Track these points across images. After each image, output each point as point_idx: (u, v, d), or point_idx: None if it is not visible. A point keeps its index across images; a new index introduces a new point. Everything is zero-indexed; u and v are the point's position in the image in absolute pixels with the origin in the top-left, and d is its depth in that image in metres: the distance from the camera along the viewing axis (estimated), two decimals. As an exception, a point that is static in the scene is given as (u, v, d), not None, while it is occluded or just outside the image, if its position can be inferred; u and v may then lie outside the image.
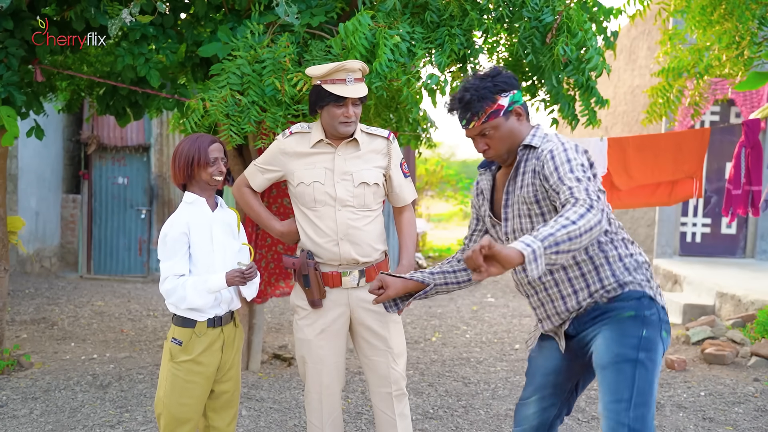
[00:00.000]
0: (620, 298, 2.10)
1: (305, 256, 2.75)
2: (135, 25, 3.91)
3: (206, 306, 2.52)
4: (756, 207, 5.44)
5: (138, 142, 9.94)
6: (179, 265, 2.50)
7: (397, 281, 2.38)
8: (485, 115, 2.17)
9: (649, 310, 2.09)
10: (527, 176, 2.17)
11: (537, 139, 2.20)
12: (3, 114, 3.99)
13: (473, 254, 1.78)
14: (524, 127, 2.23)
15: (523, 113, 2.22)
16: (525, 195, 2.16)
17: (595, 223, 1.89)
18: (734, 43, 5.07)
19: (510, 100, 2.19)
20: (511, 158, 2.24)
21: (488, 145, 2.22)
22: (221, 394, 2.66)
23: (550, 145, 2.14)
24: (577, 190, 1.97)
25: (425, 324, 6.87)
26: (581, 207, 1.91)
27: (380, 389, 2.82)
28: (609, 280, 2.11)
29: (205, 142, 2.54)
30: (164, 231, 2.52)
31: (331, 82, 2.65)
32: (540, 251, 1.80)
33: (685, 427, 3.99)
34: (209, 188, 2.59)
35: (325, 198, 2.73)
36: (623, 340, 2.05)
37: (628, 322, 2.07)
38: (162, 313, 7.17)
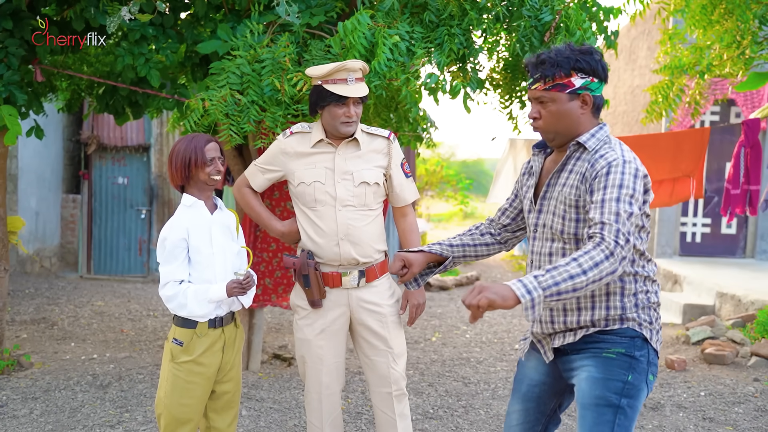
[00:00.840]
0: (616, 332, 2.05)
1: (305, 256, 2.75)
2: (135, 25, 3.91)
3: (207, 314, 2.52)
4: (754, 206, 5.44)
5: (138, 142, 9.94)
6: (179, 270, 2.50)
7: (418, 256, 2.31)
8: (551, 82, 2.03)
9: (640, 351, 2.04)
10: (573, 177, 2.06)
11: (594, 140, 2.06)
12: (5, 113, 4.00)
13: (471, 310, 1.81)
14: (586, 119, 2.08)
15: (590, 104, 2.07)
16: (566, 195, 2.06)
17: (608, 273, 1.84)
18: (735, 42, 5.07)
19: (583, 84, 2.04)
20: (558, 142, 2.12)
21: (540, 114, 2.09)
22: (222, 394, 2.66)
23: (611, 155, 1.99)
24: (608, 228, 1.86)
25: (425, 324, 6.87)
26: (600, 253, 1.83)
27: (380, 389, 2.82)
28: (615, 311, 2.05)
29: (201, 141, 2.53)
30: (163, 235, 2.51)
31: (332, 82, 2.65)
32: (539, 299, 1.78)
33: (685, 427, 3.99)
34: (207, 188, 2.58)
35: (326, 198, 2.73)
36: (608, 383, 2.01)
37: (616, 363, 2.02)
38: (162, 313, 7.17)
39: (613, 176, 1.95)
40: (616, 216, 1.88)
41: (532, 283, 1.80)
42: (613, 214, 1.88)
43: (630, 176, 1.95)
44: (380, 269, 2.81)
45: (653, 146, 5.48)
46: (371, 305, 2.78)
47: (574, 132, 2.08)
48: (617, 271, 1.85)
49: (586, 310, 2.07)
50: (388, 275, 2.88)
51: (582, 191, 2.02)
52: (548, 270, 1.83)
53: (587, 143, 2.05)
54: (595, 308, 2.06)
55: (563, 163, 2.10)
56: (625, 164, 1.97)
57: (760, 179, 5.49)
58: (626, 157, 2.00)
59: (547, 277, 1.81)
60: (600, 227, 1.88)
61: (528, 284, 1.80)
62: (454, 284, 9.36)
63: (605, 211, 1.90)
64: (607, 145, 2.05)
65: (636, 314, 2.06)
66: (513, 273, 11.10)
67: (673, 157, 5.44)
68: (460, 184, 16.49)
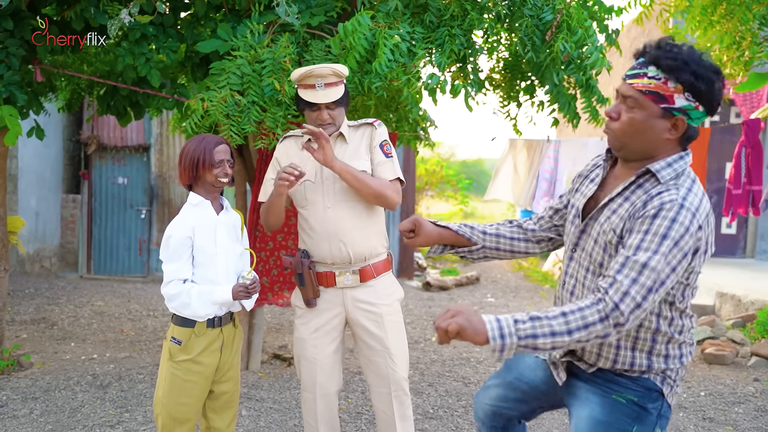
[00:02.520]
0: (634, 379, 1.86)
1: (300, 256, 2.77)
2: (135, 25, 3.91)
3: (209, 315, 2.52)
4: (756, 206, 5.44)
5: (138, 142, 9.94)
6: (183, 268, 2.50)
7: (432, 231, 2.13)
8: (649, 87, 1.69)
9: (653, 403, 1.85)
10: (626, 207, 1.77)
11: (668, 171, 1.74)
12: (5, 113, 4.00)
13: (438, 332, 1.69)
14: (669, 145, 1.76)
15: (680, 132, 1.73)
16: (612, 226, 1.79)
17: (597, 336, 1.66)
18: (735, 43, 5.07)
19: (684, 107, 1.69)
20: (625, 155, 1.82)
21: (619, 116, 1.76)
22: (221, 394, 2.66)
23: (669, 194, 1.69)
24: (616, 288, 1.64)
25: (425, 324, 6.87)
26: (595, 314, 1.64)
27: (379, 389, 2.82)
28: (640, 364, 1.85)
29: (210, 143, 2.53)
30: (168, 233, 2.51)
31: (303, 87, 2.70)
32: (511, 347, 1.65)
33: (685, 427, 3.99)
34: (214, 189, 2.59)
35: (316, 197, 2.75)
36: (609, 430, 1.84)
37: (624, 409, 1.84)
38: (162, 313, 7.17)
39: (660, 222, 1.66)
40: (637, 275, 1.64)
41: (510, 327, 1.65)
42: (635, 272, 1.64)
43: (680, 227, 1.65)
44: (377, 269, 2.79)
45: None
46: (366, 305, 2.77)
47: (647, 153, 1.77)
48: (610, 336, 1.66)
49: (607, 358, 1.88)
50: (389, 274, 2.87)
51: (626, 228, 1.74)
52: (531, 318, 1.67)
53: (661, 173, 1.73)
54: (617, 360, 1.87)
55: (625, 188, 1.80)
56: (681, 210, 1.66)
57: (762, 179, 5.49)
58: (687, 201, 1.68)
59: (527, 327, 1.65)
60: (609, 282, 1.66)
61: (504, 328, 1.65)
62: (454, 284, 9.36)
63: (627, 264, 1.65)
64: (678, 181, 1.73)
65: (662, 370, 1.86)
66: (513, 273, 11.10)
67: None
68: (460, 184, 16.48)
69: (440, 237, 2.14)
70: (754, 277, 7.52)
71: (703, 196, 1.73)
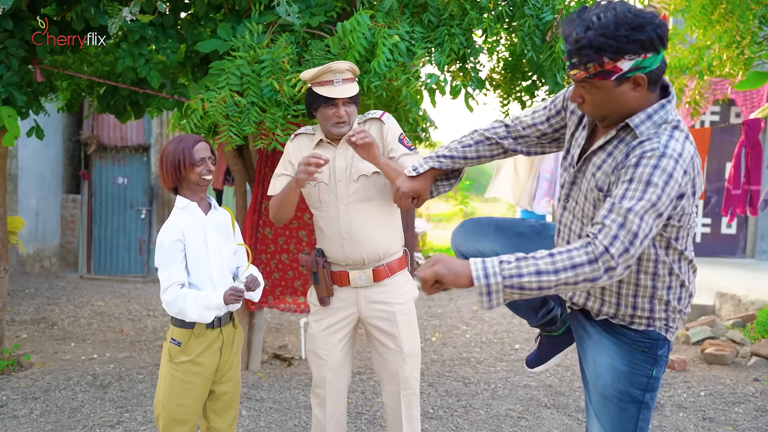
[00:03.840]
0: (641, 332, 1.90)
1: (315, 254, 2.78)
2: (135, 26, 3.91)
3: (207, 320, 2.51)
4: (755, 206, 5.44)
5: (138, 142, 9.95)
6: (177, 272, 2.49)
7: (425, 184, 2.16)
8: (593, 70, 1.70)
9: (662, 349, 1.92)
10: (610, 162, 1.80)
11: (647, 125, 1.75)
12: (4, 114, 4.00)
13: (422, 283, 1.71)
14: (641, 96, 1.75)
15: (644, 83, 1.72)
16: (598, 181, 1.82)
17: (585, 279, 1.66)
18: (735, 42, 5.07)
19: (633, 65, 1.68)
20: (611, 122, 1.83)
21: (583, 99, 1.79)
22: (222, 395, 2.66)
23: (651, 143, 1.70)
24: (605, 232, 1.66)
25: (425, 324, 6.87)
26: (584, 255, 1.65)
27: (389, 387, 2.84)
28: (642, 312, 1.89)
29: (189, 142, 2.51)
30: (160, 239, 2.51)
31: (319, 84, 2.66)
32: (497, 287, 1.64)
33: (685, 427, 3.99)
34: (200, 189, 2.56)
35: (330, 197, 2.73)
36: (633, 378, 1.90)
37: (641, 357, 1.91)
38: (162, 313, 7.17)
39: (642, 170, 1.67)
40: (623, 220, 1.65)
41: (494, 267, 1.65)
42: (621, 217, 1.65)
43: (663, 173, 1.66)
44: (391, 268, 2.78)
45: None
46: (379, 304, 2.78)
47: (628, 113, 1.77)
48: (600, 279, 1.66)
49: (610, 305, 1.91)
50: (404, 272, 2.86)
51: (612, 181, 1.77)
52: (518, 258, 1.67)
53: (638, 128, 1.75)
54: (620, 305, 1.90)
55: (606, 141, 1.82)
56: (662, 158, 1.67)
57: (761, 179, 5.49)
58: (669, 147, 1.69)
59: (512, 266, 1.65)
60: (598, 228, 1.67)
61: (489, 267, 1.65)
62: (454, 284, 9.35)
63: (613, 210, 1.67)
64: (662, 129, 1.73)
65: (665, 318, 1.91)
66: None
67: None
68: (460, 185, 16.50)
69: (432, 177, 2.19)
70: (754, 277, 7.51)
71: (685, 141, 1.73)
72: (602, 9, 1.69)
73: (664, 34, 1.69)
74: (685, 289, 1.91)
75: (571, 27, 1.72)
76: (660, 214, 1.68)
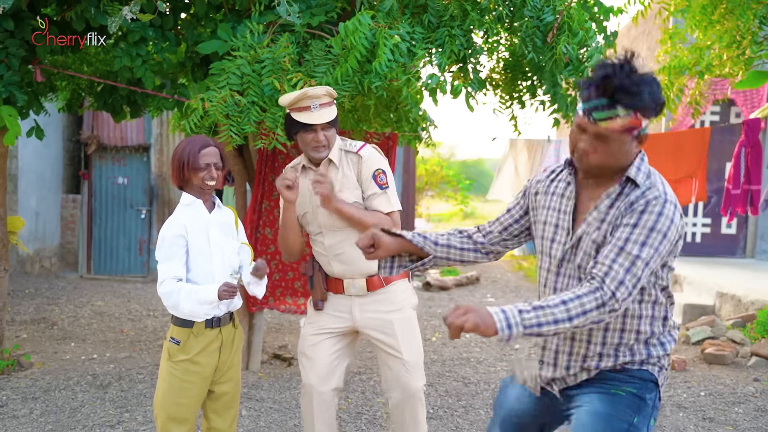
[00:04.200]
0: (632, 372, 1.93)
1: (313, 259, 2.85)
2: (134, 26, 3.91)
3: (199, 314, 2.51)
4: (755, 206, 5.44)
5: (138, 142, 9.94)
6: (176, 267, 2.50)
7: (390, 242, 2.11)
8: (625, 126, 1.76)
9: (650, 394, 1.93)
10: (613, 212, 1.86)
11: (641, 175, 1.85)
12: (5, 114, 4.00)
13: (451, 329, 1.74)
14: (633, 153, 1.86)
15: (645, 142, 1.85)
16: (604, 233, 1.86)
17: (593, 322, 1.76)
18: (735, 42, 5.07)
19: (646, 125, 1.81)
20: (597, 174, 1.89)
21: (596, 150, 1.82)
22: (222, 395, 2.66)
23: (652, 192, 1.80)
24: (612, 277, 1.74)
25: (425, 324, 6.87)
26: (593, 301, 1.74)
27: (394, 394, 2.85)
28: (639, 356, 1.93)
29: (196, 146, 2.51)
30: (162, 233, 2.53)
31: (297, 110, 2.67)
32: (517, 335, 1.73)
33: (685, 427, 3.99)
34: (203, 192, 2.59)
35: (313, 227, 2.82)
36: (612, 423, 1.88)
37: (624, 401, 1.91)
38: (162, 313, 7.17)
39: (647, 217, 1.77)
40: (630, 265, 1.74)
41: (515, 318, 1.73)
42: (629, 262, 1.74)
43: (666, 219, 1.77)
44: (386, 278, 2.79)
45: (654, 147, 5.48)
46: (374, 314, 2.79)
47: (620, 167, 1.86)
48: (604, 320, 1.77)
49: (608, 357, 1.94)
50: (402, 282, 2.87)
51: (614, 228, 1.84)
52: (534, 308, 1.75)
53: (638, 178, 1.84)
54: (618, 356, 1.93)
55: (614, 198, 1.86)
56: (666, 204, 1.78)
57: (761, 179, 5.49)
58: (669, 195, 1.80)
59: (531, 317, 1.74)
60: (605, 272, 1.76)
61: (511, 318, 1.73)
62: (454, 284, 9.35)
63: (621, 255, 1.76)
64: (649, 179, 1.85)
65: (657, 360, 1.95)
66: (513, 273, 11.10)
67: (675, 158, 5.44)
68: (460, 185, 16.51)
69: (399, 247, 2.14)
70: (754, 277, 7.51)
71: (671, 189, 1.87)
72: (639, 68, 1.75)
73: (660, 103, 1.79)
74: (675, 331, 1.99)
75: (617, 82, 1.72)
76: (662, 258, 1.80)
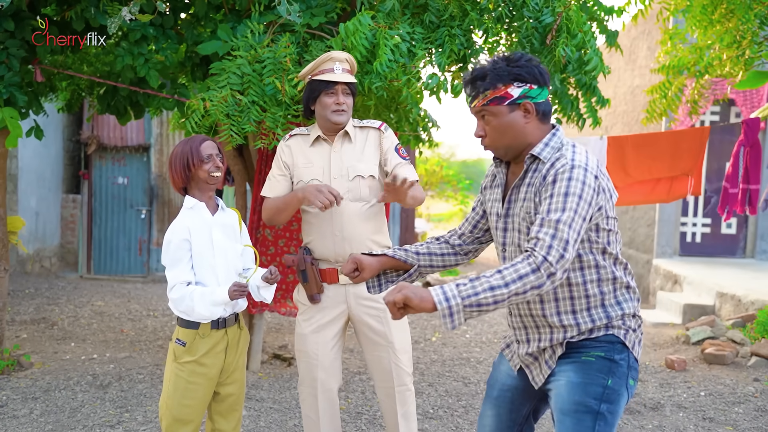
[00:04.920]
0: (598, 338, 2.00)
1: (302, 252, 2.81)
2: (135, 26, 3.91)
3: (215, 316, 2.52)
4: (754, 206, 5.44)
5: (138, 142, 9.95)
6: (184, 272, 2.51)
7: (373, 262, 2.21)
8: (488, 98, 1.96)
9: (620, 354, 1.99)
10: (531, 189, 1.99)
11: (548, 150, 1.98)
12: (6, 116, 4.00)
13: (389, 307, 1.82)
14: (533, 128, 2.00)
15: (533, 111, 1.97)
16: (526, 210, 2.00)
17: (532, 287, 1.80)
18: (735, 42, 5.07)
19: (522, 92, 1.95)
20: (511, 155, 2.05)
21: (485, 131, 2.03)
22: (227, 396, 2.66)
23: (559, 162, 1.93)
24: (540, 244, 1.82)
25: (425, 324, 6.87)
26: (527, 266, 1.80)
27: (382, 384, 2.85)
28: (600, 321, 2.00)
29: (196, 141, 2.56)
30: (167, 238, 2.53)
31: (320, 73, 2.73)
32: (457, 308, 1.77)
33: (685, 427, 3.99)
34: (208, 187, 2.59)
35: None
36: (587, 388, 1.95)
37: (595, 366, 1.97)
38: (162, 313, 7.17)
39: (559, 184, 1.89)
40: (554, 230, 1.83)
41: (452, 291, 1.78)
42: (551, 228, 1.83)
43: (577, 182, 1.88)
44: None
45: (652, 145, 5.48)
46: (368, 301, 2.80)
47: (524, 143, 2.01)
48: (544, 286, 1.81)
49: (571, 327, 2.01)
50: None
51: (537, 203, 1.96)
52: (471, 279, 1.81)
53: (541, 154, 1.98)
54: (579, 323, 2.01)
55: (522, 177, 2.03)
56: (573, 169, 1.89)
57: (760, 179, 5.48)
58: (576, 161, 1.92)
59: (468, 287, 1.79)
60: (534, 242, 1.84)
61: (447, 291, 1.78)
62: (454, 284, 9.35)
63: (544, 224, 1.85)
64: (560, 151, 1.97)
65: (621, 321, 2.01)
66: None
67: (672, 156, 5.44)
68: (460, 185, 16.49)
69: (382, 265, 2.23)
70: (754, 277, 7.51)
71: (586, 153, 1.98)
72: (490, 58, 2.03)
73: (544, 71, 1.99)
74: (631, 291, 2.05)
75: (467, 74, 2.03)
76: (584, 218, 1.88)
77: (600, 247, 1.98)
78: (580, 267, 1.98)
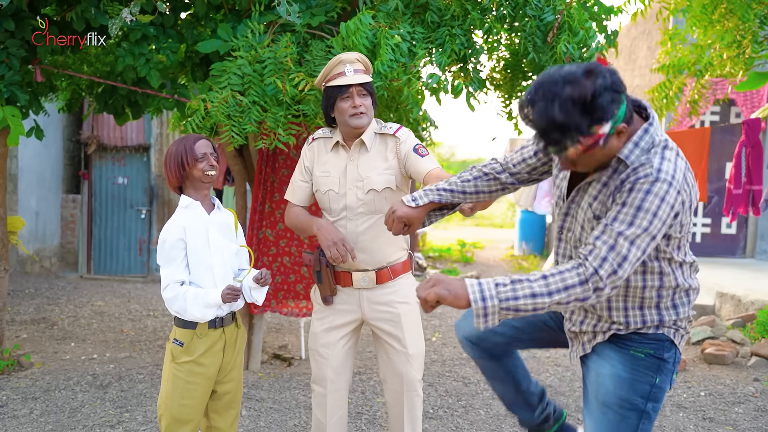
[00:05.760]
0: (648, 335, 1.93)
1: (318, 253, 2.78)
2: (135, 25, 3.91)
3: (207, 317, 2.52)
4: (756, 206, 5.44)
5: (138, 142, 9.94)
6: (178, 271, 2.50)
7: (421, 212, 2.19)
8: (581, 148, 1.73)
9: (668, 353, 1.93)
10: (606, 190, 1.84)
11: (636, 152, 1.78)
12: (8, 114, 4.00)
13: (420, 302, 1.77)
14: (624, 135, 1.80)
15: (625, 129, 1.76)
16: (595, 210, 1.87)
17: (576, 299, 1.72)
18: (735, 42, 5.07)
19: (613, 123, 1.71)
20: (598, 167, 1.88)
21: (575, 165, 1.83)
22: (223, 395, 2.67)
23: (644, 171, 1.74)
24: (595, 254, 1.71)
25: (425, 324, 6.87)
26: (575, 276, 1.71)
27: (392, 386, 2.84)
28: (652, 321, 1.93)
29: (190, 140, 2.56)
30: (162, 237, 2.53)
31: (332, 79, 2.66)
32: (494, 310, 1.70)
33: (685, 427, 3.99)
34: (204, 186, 2.59)
35: (338, 207, 2.74)
36: (635, 385, 1.90)
37: (644, 363, 1.91)
38: (162, 313, 7.17)
39: (635, 195, 1.73)
40: (614, 242, 1.71)
41: (491, 290, 1.71)
42: (612, 239, 1.71)
43: (655, 198, 1.71)
44: (395, 271, 2.78)
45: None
46: (382, 306, 2.78)
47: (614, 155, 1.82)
48: (589, 299, 1.72)
49: (620, 323, 1.94)
50: (409, 275, 2.86)
51: (607, 208, 1.83)
52: (513, 281, 1.73)
53: (629, 158, 1.79)
54: (629, 322, 1.93)
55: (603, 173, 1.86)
56: (656, 183, 1.72)
57: (762, 179, 5.49)
58: (662, 172, 1.73)
59: (508, 289, 1.71)
60: (590, 249, 1.74)
61: (486, 290, 1.71)
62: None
63: (605, 232, 1.73)
64: (648, 154, 1.78)
65: (673, 323, 1.94)
66: (513, 273, 11.10)
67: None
68: (460, 184, 16.48)
69: (427, 210, 2.23)
70: (754, 277, 7.51)
71: (676, 159, 1.78)
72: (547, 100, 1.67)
73: (616, 82, 1.70)
74: (692, 292, 1.96)
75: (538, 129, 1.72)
76: (653, 237, 1.74)
77: (667, 256, 1.88)
78: (643, 272, 1.89)
